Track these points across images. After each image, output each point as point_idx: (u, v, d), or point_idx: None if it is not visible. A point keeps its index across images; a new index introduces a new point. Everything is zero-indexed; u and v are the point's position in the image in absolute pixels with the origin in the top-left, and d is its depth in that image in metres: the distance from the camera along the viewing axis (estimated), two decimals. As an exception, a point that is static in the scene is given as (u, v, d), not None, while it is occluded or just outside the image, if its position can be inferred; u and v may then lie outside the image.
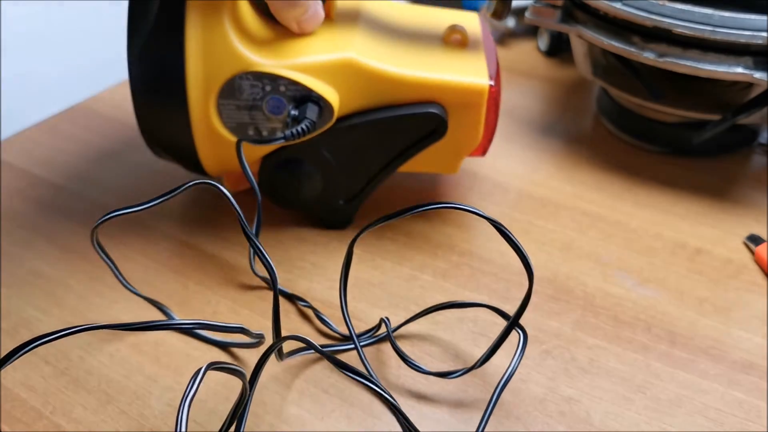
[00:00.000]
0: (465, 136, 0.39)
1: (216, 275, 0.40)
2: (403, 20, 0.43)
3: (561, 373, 0.34)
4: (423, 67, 0.38)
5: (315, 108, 0.36)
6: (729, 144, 0.50)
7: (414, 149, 0.39)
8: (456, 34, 0.41)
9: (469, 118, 0.39)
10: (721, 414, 0.32)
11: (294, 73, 0.36)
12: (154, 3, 0.35)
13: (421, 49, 0.40)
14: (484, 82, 0.38)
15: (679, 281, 0.40)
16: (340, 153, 0.39)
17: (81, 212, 0.45)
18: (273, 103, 0.36)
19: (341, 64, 0.37)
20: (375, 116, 0.38)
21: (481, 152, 0.41)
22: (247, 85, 0.36)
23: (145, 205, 0.31)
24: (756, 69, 0.41)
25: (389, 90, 0.38)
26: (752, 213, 0.45)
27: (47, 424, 0.32)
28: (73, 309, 0.38)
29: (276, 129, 0.37)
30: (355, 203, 0.42)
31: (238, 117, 0.37)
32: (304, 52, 0.37)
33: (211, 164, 0.40)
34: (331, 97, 0.37)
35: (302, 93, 0.36)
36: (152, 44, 0.35)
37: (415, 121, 0.38)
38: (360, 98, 0.38)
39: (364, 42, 0.38)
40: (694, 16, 0.41)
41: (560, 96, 0.59)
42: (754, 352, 0.35)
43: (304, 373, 0.34)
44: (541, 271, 0.40)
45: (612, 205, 0.46)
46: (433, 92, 0.38)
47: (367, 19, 0.41)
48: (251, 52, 0.36)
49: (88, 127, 0.54)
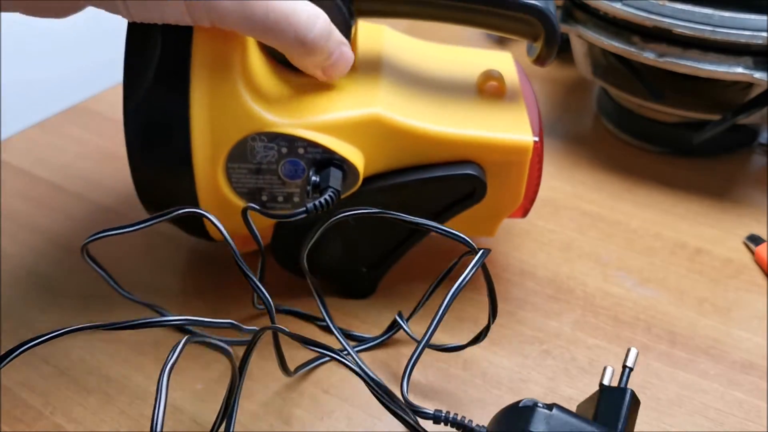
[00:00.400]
0: (504, 198, 0.35)
1: (216, 275, 0.40)
2: (430, 65, 0.38)
3: (561, 373, 0.34)
4: (457, 122, 0.34)
5: (338, 173, 0.32)
6: (729, 144, 0.50)
7: (448, 213, 0.35)
8: (492, 81, 0.36)
9: (509, 178, 0.34)
10: (721, 414, 0.32)
11: (314, 134, 0.32)
12: (154, 53, 0.30)
13: (454, 101, 0.35)
14: (528, 138, 0.33)
15: (679, 281, 0.40)
16: (363, 220, 0.34)
17: (81, 212, 0.45)
18: (290, 166, 0.32)
19: (366, 122, 0.32)
20: (404, 179, 0.34)
21: (522, 214, 0.37)
22: (261, 147, 0.32)
23: (135, 227, 0.30)
24: (756, 69, 0.41)
25: (420, 149, 0.33)
26: (752, 213, 0.45)
27: (47, 424, 0.32)
28: (73, 309, 0.38)
29: (293, 194, 0.33)
30: (380, 270, 0.38)
31: (250, 182, 0.33)
32: (325, 109, 0.32)
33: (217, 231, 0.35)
34: (356, 159, 0.32)
35: (323, 155, 0.32)
36: (152, 100, 0.31)
37: (449, 184, 0.34)
38: (387, 158, 0.33)
39: (389, 94, 0.34)
40: (694, 16, 0.41)
41: (560, 96, 0.59)
42: (754, 352, 0.35)
43: (304, 373, 0.34)
44: (541, 271, 0.40)
45: (612, 205, 0.46)
46: (470, 151, 0.33)
47: (390, 66, 0.36)
48: (265, 109, 0.31)
49: (88, 127, 0.54)
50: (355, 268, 0.37)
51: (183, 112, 0.31)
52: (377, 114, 0.32)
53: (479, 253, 0.30)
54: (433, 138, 0.33)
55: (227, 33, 0.30)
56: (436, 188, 0.34)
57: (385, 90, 0.34)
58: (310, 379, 0.34)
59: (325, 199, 0.30)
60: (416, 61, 0.38)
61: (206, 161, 0.32)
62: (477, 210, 0.35)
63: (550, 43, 0.34)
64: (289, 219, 0.30)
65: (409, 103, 0.34)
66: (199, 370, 0.34)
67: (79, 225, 0.44)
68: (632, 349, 0.29)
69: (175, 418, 0.32)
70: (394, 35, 0.40)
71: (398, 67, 0.37)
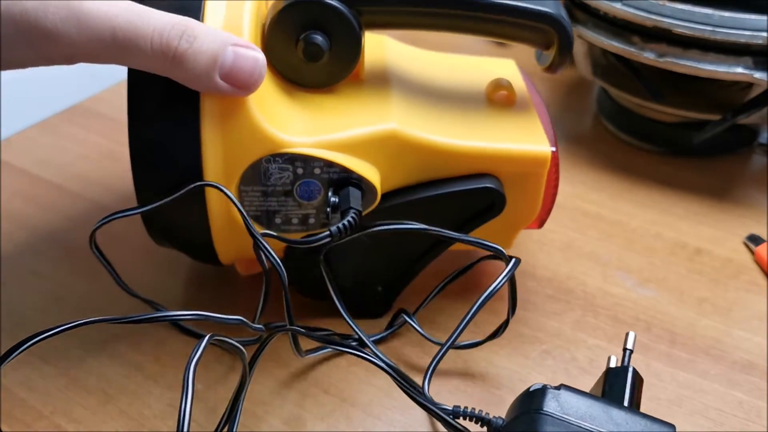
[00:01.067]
0: (522, 209, 0.35)
1: (217, 277, 0.40)
2: (437, 75, 0.37)
3: (561, 373, 0.34)
4: (473, 134, 0.33)
5: (357, 192, 0.31)
6: (729, 144, 0.50)
7: (466, 228, 0.34)
8: (501, 90, 0.36)
9: (527, 189, 0.34)
10: (721, 414, 0.32)
11: (331, 153, 0.31)
12: (159, 78, 0.29)
13: (466, 112, 0.35)
14: (546, 149, 0.33)
15: (679, 281, 0.40)
16: (381, 235, 0.33)
17: (81, 212, 0.45)
18: (306, 187, 0.31)
19: (383, 138, 0.31)
20: (421, 194, 0.33)
21: (538, 224, 0.37)
22: (275, 168, 0.31)
23: (147, 207, 0.31)
24: (756, 69, 0.41)
25: (437, 163, 0.33)
26: (752, 213, 0.45)
27: (47, 424, 0.32)
28: (73, 309, 0.38)
29: (308, 216, 0.32)
30: (396, 288, 0.37)
31: (264, 204, 0.32)
32: (340, 126, 0.31)
33: (228, 255, 0.34)
34: (373, 176, 0.32)
35: (340, 175, 0.31)
36: (160, 127, 0.30)
37: (468, 198, 0.33)
38: (403, 174, 0.33)
39: (402, 107, 0.33)
40: (694, 16, 0.41)
41: (560, 96, 0.59)
42: (754, 352, 0.35)
43: (305, 373, 0.34)
44: (541, 271, 0.40)
45: (612, 205, 0.46)
46: (489, 163, 0.33)
47: (398, 78, 0.36)
48: (279, 130, 0.30)
49: (88, 127, 0.54)
50: (370, 288, 0.36)
51: (194, 138, 0.29)
52: (393, 129, 0.31)
53: (512, 263, 0.31)
54: (450, 152, 0.32)
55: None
56: (454, 203, 0.33)
57: (396, 103, 0.33)
58: (310, 379, 0.34)
59: (348, 221, 0.30)
60: (422, 72, 0.37)
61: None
62: (494, 222, 0.34)
63: (564, 51, 0.33)
64: (312, 244, 0.29)
65: (423, 117, 0.33)
66: (199, 370, 0.34)
67: (79, 225, 0.44)
68: (630, 333, 0.30)
69: (174, 418, 0.32)
70: (395, 45, 0.39)
71: (406, 79, 0.36)
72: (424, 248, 0.35)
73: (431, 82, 0.37)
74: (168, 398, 0.33)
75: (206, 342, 0.25)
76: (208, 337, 0.25)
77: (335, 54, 0.32)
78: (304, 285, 0.36)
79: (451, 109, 0.35)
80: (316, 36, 0.31)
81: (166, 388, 0.33)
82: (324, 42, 0.31)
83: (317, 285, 0.34)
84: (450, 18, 0.33)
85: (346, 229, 0.29)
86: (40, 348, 0.36)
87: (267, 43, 0.31)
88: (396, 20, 0.33)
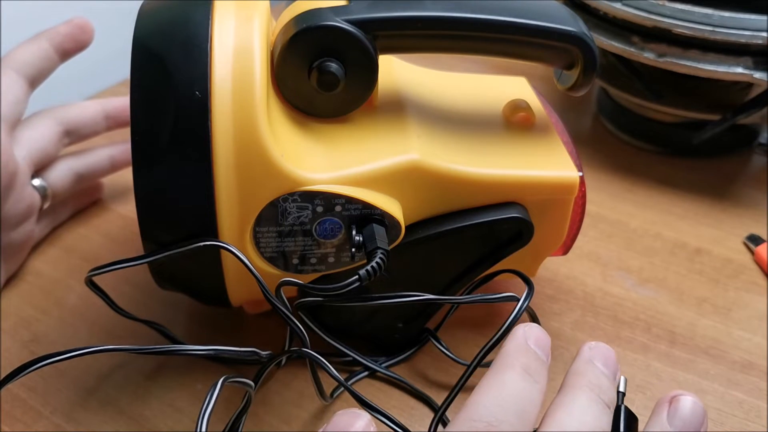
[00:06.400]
0: (547, 237, 0.33)
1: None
2: (450, 98, 0.35)
3: (561, 374, 0.34)
4: (497, 161, 0.31)
5: (381, 230, 0.29)
6: (729, 144, 0.50)
7: (491, 259, 0.33)
8: (520, 112, 0.34)
9: (553, 216, 0.33)
10: (721, 414, 0.32)
11: (352, 189, 0.29)
12: (167, 119, 0.27)
13: (486, 137, 0.33)
14: (573, 174, 0.32)
15: (679, 281, 0.40)
16: (402, 271, 0.32)
17: (81, 212, 0.45)
18: (325, 226, 0.29)
19: (405, 170, 0.30)
20: (446, 227, 0.31)
21: (563, 251, 0.35)
22: (294, 207, 0.29)
23: (154, 257, 0.29)
24: (756, 69, 0.41)
25: (461, 193, 0.31)
26: (752, 213, 0.45)
27: (47, 424, 0.32)
28: (73, 309, 0.38)
29: (327, 255, 0.30)
30: (418, 323, 0.35)
31: (281, 245, 0.30)
32: (360, 159, 0.29)
33: (239, 298, 0.32)
34: (396, 211, 0.30)
35: (362, 211, 0.29)
36: (168, 165, 0.27)
37: (494, 228, 0.31)
38: (427, 205, 0.31)
39: (420, 136, 0.31)
40: (694, 16, 0.41)
41: (560, 96, 0.59)
42: (754, 352, 0.35)
43: (304, 373, 0.34)
44: (541, 271, 0.40)
45: (612, 205, 0.46)
46: (515, 192, 0.31)
47: (411, 103, 0.33)
48: (296, 166, 0.28)
49: (88, 127, 0.54)
50: (391, 325, 0.35)
51: (206, 179, 0.27)
52: (416, 161, 0.30)
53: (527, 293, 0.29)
54: (475, 181, 0.31)
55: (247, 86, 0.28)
56: (481, 234, 0.32)
57: (414, 131, 0.31)
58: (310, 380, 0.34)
59: (378, 263, 0.28)
60: (436, 95, 0.35)
61: (233, 231, 0.29)
62: (518, 252, 0.33)
63: (589, 71, 0.31)
64: (342, 291, 0.27)
65: (443, 145, 0.32)
66: (200, 370, 0.34)
67: (80, 225, 0.44)
68: (622, 377, 0.28)
69: (174, 418, 0.32)
70: (402, 65, 0.37)
71: (420, 103, 0.34)
72: (449, 280, 0.33)
73: (447, 106, 0.35)
74: (168, 398, 0.33)
75: (219, 389, 0.24)
76: (222, 381, 0.24)
77: (350, 82, 0.30)
78: (320, 324, 0.33)
79: (471, 134, 0.33)
80: (331, 64, 0.29)
81: (166, 388, 0.33)
82: (339, 70, 0.29)
83: (333, 322, 0.34)
84: (470, 40, 0.31)
85: (375, 271, 0.27)
86: (41, 348, 0.36)
87: (277, 73, 0.29)
88: (413, 44, 0.31)
